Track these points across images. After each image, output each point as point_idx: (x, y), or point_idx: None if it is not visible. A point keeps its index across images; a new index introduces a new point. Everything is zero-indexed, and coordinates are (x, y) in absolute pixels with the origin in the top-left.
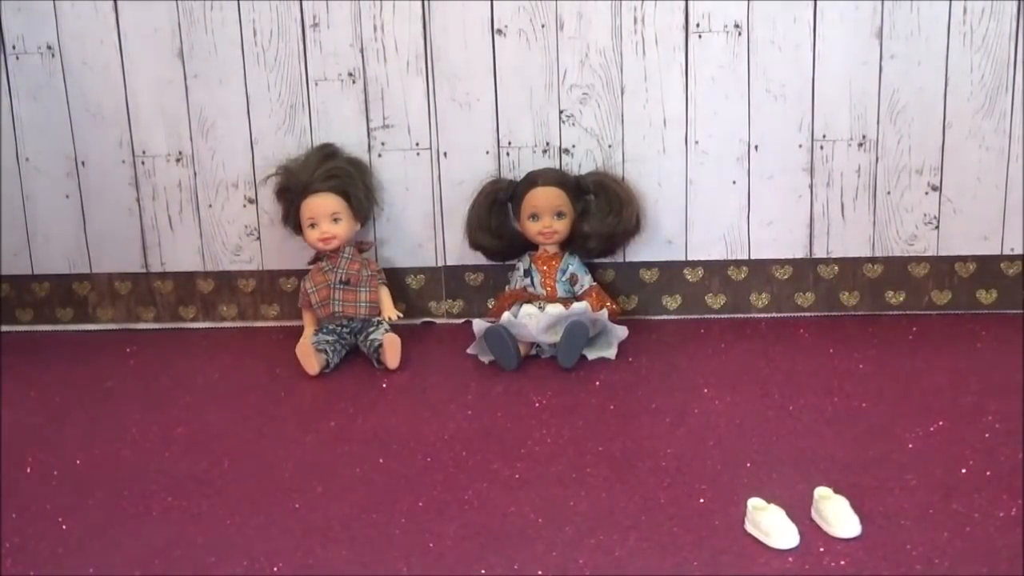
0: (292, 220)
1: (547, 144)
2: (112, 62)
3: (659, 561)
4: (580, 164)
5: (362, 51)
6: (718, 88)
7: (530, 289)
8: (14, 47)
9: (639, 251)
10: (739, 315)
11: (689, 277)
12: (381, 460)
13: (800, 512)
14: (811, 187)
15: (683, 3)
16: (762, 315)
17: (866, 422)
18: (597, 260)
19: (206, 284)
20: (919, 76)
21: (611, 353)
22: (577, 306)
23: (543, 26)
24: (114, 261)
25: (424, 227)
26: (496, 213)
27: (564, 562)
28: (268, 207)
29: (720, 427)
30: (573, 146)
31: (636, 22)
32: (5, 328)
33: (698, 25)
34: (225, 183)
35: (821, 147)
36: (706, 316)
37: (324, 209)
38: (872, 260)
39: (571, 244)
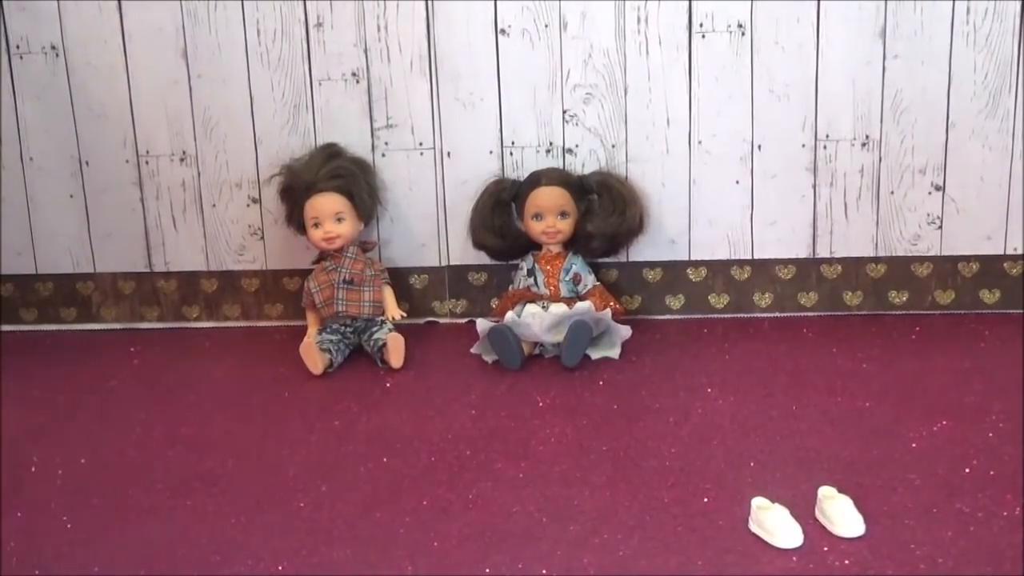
0: (296, 220)
1: (551, 144)
2: (116, 62)
3: (663, 560)
4: (583, 164)
5: (366, 51)
6: (721, 88)
7: (533, 289)
8: (18, 47)
9: (642, 251)
10: (742, 315)
11: (692, 277)
12: (385, 459)
13: (804, 511)
14: (814, 187)
15: (686, 3)
16: (765, 315)
17: (870, 422)
18: (600, 260)
19: (210, 284)
20: (922, 76)
21: (615, 353)
22: (580, 306)
23: (547, 26)
24: (118, 261)
25: (428, 227)
26: (499, 213)
27: (568, 561)
28: (272, 207)
29: (724, 427)
30: (576, 146)
31: (639, 22)
32: (9, 327)
33: (701, 25)
34: (229, 183)
35: (824, 147)
36: (709, 316)
37: (328, 209)
38: (875, 260)
39: (574, 244)
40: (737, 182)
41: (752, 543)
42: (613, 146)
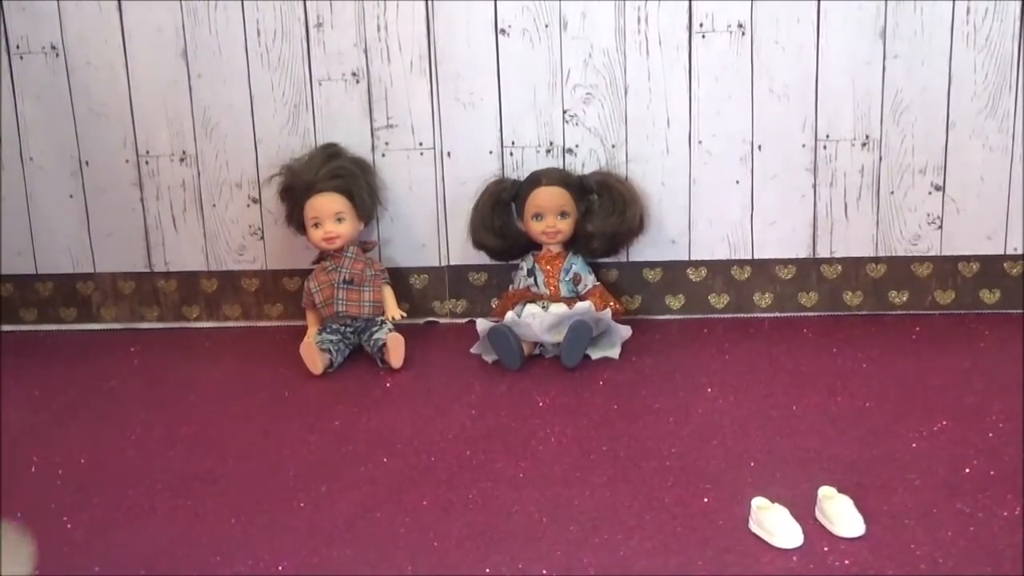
0: (296, 220)
1: (551, 144)
2: (116, 62)
3: (663, 560)
4: (583, 164)
5: (366, 51)
6: (721, 88)
7: (533, 289)
8: (18, 47)
9: (642, 251)
10: (742, 315)
11: (692, 277)
12: (385, 459)
13: (804, 511)
14: (814, 187)
15: (686, 3)
16: (765, 315)
17: (870, 422)
18: (600, 260)
19: (210, 284)
20: (922, 76)
21: (615, 353)
22: (580, 306)
23: (547, 26)
24: (118, 261)
25: (428, 227)
26: (500, 213)
27: (568, 561)
28: (272, 207)
29: (724, 427)
30: (576, 146)
31: (640, 22)
32: (9, 328)
33: (701, 25)
34: (229, 183)
35: (824, 147)
36: (709, 316)
37: (328, 209)
38: (875, 260)
39: (575, 244)
40: (737, 182)
41: (752, 543)
42: (613, 146)
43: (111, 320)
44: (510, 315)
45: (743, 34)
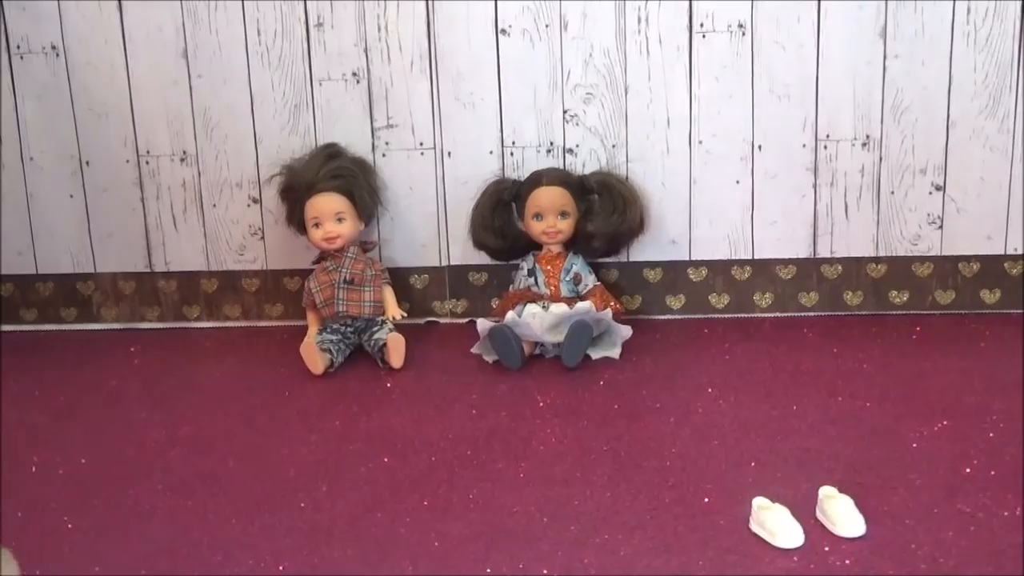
0: (296, 220)
1: (551, 144)
2: (116, 62)
3: (664, 560)
4: (584, 164)
5: (366, 51)
6: (722, 88)
7: (534, 289)
8: (19, 47)
9: (643, 251)
10: (743, 315)
11: (693, 277)
12: (386, 459)
13: (805, 511)
14: (815, 187)
15: (687, 3)
16: (766, 315)
17: (870, 421)
18: (601, 260)
19: (210, 284)
20: (923, 76)
21: (615, 353)
22: (581, 306)
23: (547, 26)
24: (118, 261)
25: (428, 227)
26: (500, 213)
27: (569, 561)
28: (272, 207)
29: (724, 426)
30: (577, 146)
31: (640, 22)
32: (9, 327)
33: (702, 25)
34: (229, 183)
35: (825, 147)
36: (710, 316)
37: (328, 209)
38: (876, 260)
39: (575, 244)
40: (737, 182)
41: (753, 543)
42: (614, 146)
43: (111, 320)
44: (510, 315)
45: (743, 34)
